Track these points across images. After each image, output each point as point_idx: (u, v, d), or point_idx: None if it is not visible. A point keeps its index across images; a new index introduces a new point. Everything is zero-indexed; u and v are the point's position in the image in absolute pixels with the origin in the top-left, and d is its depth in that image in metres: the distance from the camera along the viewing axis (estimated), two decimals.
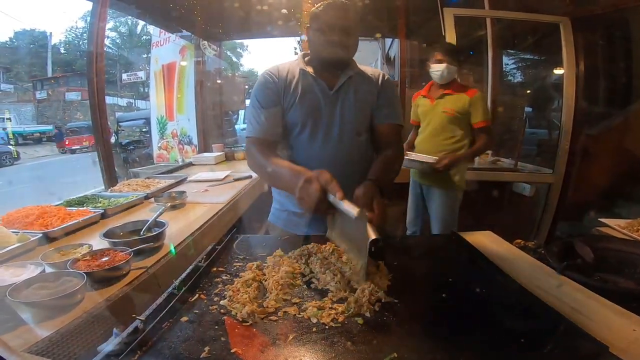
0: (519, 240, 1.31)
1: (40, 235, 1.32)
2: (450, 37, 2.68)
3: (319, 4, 1.22)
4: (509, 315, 0.75)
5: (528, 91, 4.43)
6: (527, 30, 3.42)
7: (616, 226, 1.45)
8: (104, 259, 1.06)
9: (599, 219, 1.53)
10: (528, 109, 4.19)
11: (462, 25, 3.03)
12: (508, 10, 3.06)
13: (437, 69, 2.18)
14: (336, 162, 1.24)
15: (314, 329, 0.71)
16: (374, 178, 1.10)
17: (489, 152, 3.38)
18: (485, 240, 1.23)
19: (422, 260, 1.04)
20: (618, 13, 2.66)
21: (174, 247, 1.29)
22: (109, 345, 0.66)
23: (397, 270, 0.96)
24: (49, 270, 1.05)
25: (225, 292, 0.85)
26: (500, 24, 3.54)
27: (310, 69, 1.28)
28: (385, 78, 1.36)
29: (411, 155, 2.26)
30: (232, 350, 0.65)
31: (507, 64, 4.46)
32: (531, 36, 3.62)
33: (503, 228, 1.45)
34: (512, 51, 4.32)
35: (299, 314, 0.77)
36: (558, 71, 2.98)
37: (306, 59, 1.32)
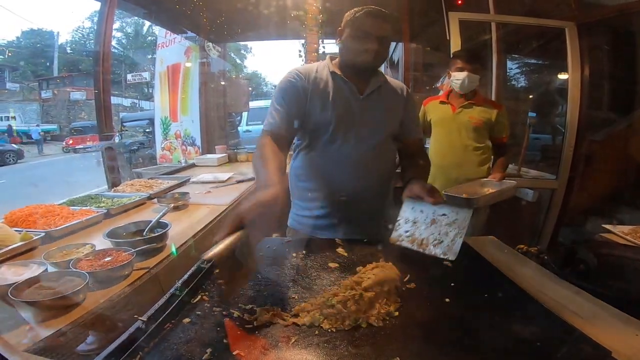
0: (521, 246, 1.31)
1: (43, 234, 1.33)
2: (455, 41, 2.68)
3: (357, 10, 1.23)
4: (511, 321, 0.75)
5: (532, 96, 4.42)
6: (532, 34, 3.42)
7: (620, 232, 1.44)
8: (106, 259, 1.06)
9: (602, 225, 1.53)
10: (532, 114, 4.18)
11: (467, 29, 3.03)
12: (513, 15, 3.06)
13: (459, 77, 2.09)
14: (364, 165, 1.28)
15: (316, 332, 0.71)
16: (417, 178, 1.17)
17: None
18: (488, 245, 1.23)
19: (426, 265, 1.03)
20: (623, 18, 2.65)
21: (176, 249, 1.29)
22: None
23: (400, 275, 0.96)
24: (51, 269, 1.05)
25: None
26: (505, 28, 3.53)
27: (340, 73, 1.28)
28: (409, 92, 1.40)
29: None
30: (234, 353, 0.64)
31: (512, 69, 4.45)
32: (536, 41, 3.61)
33: (506, 233, 1.44)
34: (516, 56, 4.31)
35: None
36: (562, 76, 2.97)
37: (334, 61, 1.33)
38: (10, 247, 1.18)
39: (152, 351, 0.66)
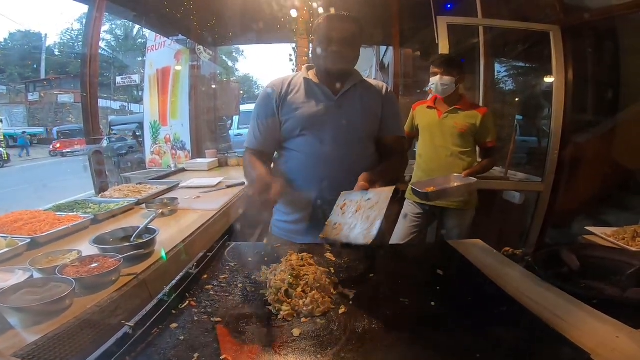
0: (507, 249, 1.33)
1: (29, 240, 1.31)
2: (444, 45, 2.72)
3: (322, 16, 1.28)
4: (493, 323, 0.77)
5: (519, 99, 4.49)
6: (518, 38, 3.48)
7: (602, 234, 1.48)
8: (93, 265, 1.05)
9: (586, 228, 1.56)
10: (519, 117, 4.25)
11: (455, 33, 3.08)
12: (500, 19, 3.11)
13: (432, 82, 2.18)
14: (340, 164, 1.29)
15: (304, 338, 0.72)
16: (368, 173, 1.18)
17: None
18: (474, 248, 1.25)
19: (412, 269, 1.05)
20: (608, 22, 2.71)
21: (165, 254, 1.28)
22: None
23: (386, 278, 0.97)
24: (37, 275, 1.03)
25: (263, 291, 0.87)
26: (492, 32, 3.59)
27: (314, 78, 1.34)
28: (389, 90, 1.41)
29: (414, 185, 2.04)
30: (221, 357, 0.65)
31: (499, 72, 4.52)
32: (523, 44, 3.67)
33: (493, 236, 1.47)
34: (504, 59, 4.38)
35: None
36: (548, 79, 3.03)
37: (310, 71, 1.38)
38: None
39: (139, 356, 0.67)
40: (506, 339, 0.71)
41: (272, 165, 1.43)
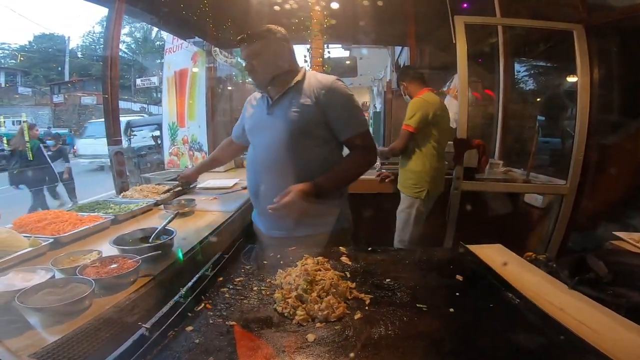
0: (529, 253, 1.29)
1: (52, 240, 1.34)
2: (461, 45, 2.67)
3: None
4: (515, 331, 0.74)
5: (540, 99, 4.36)
6: (539, 37, 3.38)
7: (631, 240, 1.41)
8: (112, 266, 1.07)
9: (613, 233, 1.49)
10: (541, 118, 4.13)
11: (473, 32, 3.01)
12: (520, 18, 3.03)
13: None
14: (273, 168, 1.42)
15: (319, 343, 0.71)
16: (312, 180, 1.33)
17: (500, 162, 3.34)
18: (495, 253, 1.21)
19: (430, 273, 1.03)
20: (634, 20, 2.61)
21: (182, 255, 1.30)
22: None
23: (403, 283, 0.95)
24: (58, 275, 1.06)
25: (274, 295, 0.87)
26: (512, 31, 3.51)
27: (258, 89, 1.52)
28: (330, 91, 1.39)
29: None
30: None
31: (519, 72, 4.41)
32: (544, 43, 3.57)
33: (514, 240, 1.42)
34: (524, 59, 4.27)
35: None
36: (572, 79, 2.93)
37: None
38: (18, 253, 1.20)
39: (155, 358, 0.67)
40: (529, 347, 0.68)
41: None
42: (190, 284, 0.92)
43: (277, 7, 3.08)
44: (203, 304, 0.86)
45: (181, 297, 0.86)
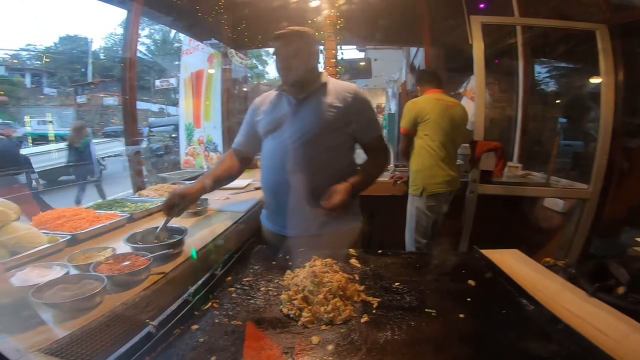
0: (548, 259, 1.25)
1: (69, 237, 1.38)
2: (478, 46, 2.61)
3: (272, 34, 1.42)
4: (529, 338, 0.71)
5: (561, 101, 4.23)
6: (560, 37, 3.28)
7: None
8: (125, 263, 1.08)
9: (637, 239, 1.43)
10: (562, 120, 4.01)
11: (490, 32, 2.95)
12: (539, 17, 2.95)
13: None
14: (298, 162, 1.40)
15: (323, 345, 0.70)
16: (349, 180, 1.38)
17: (519, 165, 3.26)
18: (511, 258, 1.18)
19: (441, 278, 1.00)
20: None
21: (195, 254, 1.31)
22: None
23: (413, 287, 0.93)
24: (73, 271, 1.08)
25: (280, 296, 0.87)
26: (531, 31, 3.42)
27: (281, 88, 1.51)
28: (356, 96, 1.48)
29: None
30: None
31: (540, 73, 4.29)
32: (565, 44, 3.47)
33: (532, 245, 1.38)
34: (544, 59, 4.15)
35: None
36: (594, 80, 2.83)
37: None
38: (37, 249, 1.23)
39: (159, 356, 0.68)
40: (542, 355, 0.65)
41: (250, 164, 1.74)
42: (198, 283, 0.93)
43: (290, 9, 3.09)
44: (210, 303, 0.86)
45: (189, 296, 0.87)
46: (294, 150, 1.41)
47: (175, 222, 1.43)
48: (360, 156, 1.58)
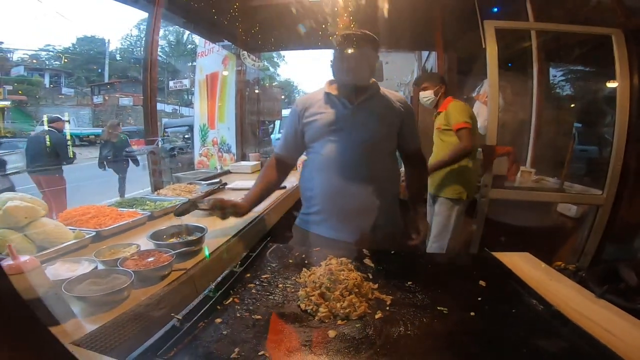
0: (558, 263, 1.27)
1: (94, 233, 1.45)
2: (492, 50, 2.62)
3: (337, 34, 1.41)
4: (537, 336, 0.74)
5: (576, 105, 4.18)
6: (575, 41, 3.26)
7: None
8: (149, 259, 1.14)
9: None
10: (577, 125, 3.96)
11: (504, 36, 2.95)
12: (554, 22, 2.94)
13: (421, 96, 2.69)
14: (353, 165, 1.41)
15: (339, 339, 0.74)
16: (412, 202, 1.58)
17: (532, 170, 3.24)
18: (521, 261, 1.20)
19: (453, 278, 1.03)
20: None
21: (211, 252, 1.36)
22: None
23: (425, 286, 0.96)
24: (100, 267, 1.14)
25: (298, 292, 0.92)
26: (546, 35, 3.40)
27: (333, 91, 1.46)
28: (406, 105, 1.53)
29: None
30: (259, 353, 0.69)
31: (555, 76, 4.26)
32: (580, 48, 3.44)
33: (545, 250, 1.39)
34: (559, 64, 4.12)
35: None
36: (611, 85, 2.81)
37: (331, 85, 1.50)
38: (64, 245, 1.30)
39: (185, 348, 0.72)
40: (550, 353, 0.68)
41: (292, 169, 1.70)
42: (219, 279, 0.98)
43: (304, 12, 3.14)
44: (231, 298, 0.91)
45: (210, 291, 0.92)
46: (359, 155, 1.41)
47: (194, 221, 1.50)
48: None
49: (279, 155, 1.58)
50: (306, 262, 1.12)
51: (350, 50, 1.38)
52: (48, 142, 4.64)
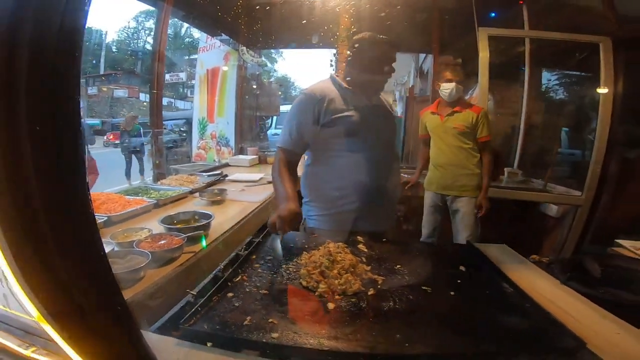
0: (534, 256, 1.39)
1: (106, 218, 1.55)
2: (484, 57, 2.75)
3: (362, 35, 1.45)
4: (505, 312, 0.87)
5: (564, 110, 4.33)
6: (569, 48, 3.38)
7: (632, 247, 1.49)
8: (162, 242, 1.25)
9: (616, 240, 1.57)
10: (566, 129, 4.11)
11: (500, 41, 3.06)
12: (549, 29, 3.03)
13: (447, 87, 2.41)
14: (386, 163, 1.51)
15: (337, 310, 0.85)
16: None
17: (519, 171, 3.38)
18: (498, 252, 1.33)
19: (437, 263, 1.15)
20: None
21: (216, 238, 1.47)
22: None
23: (412, 270, 1.08)
24: (117, 249, 1.24)
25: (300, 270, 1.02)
26: (539, 41, 3.52)
27: (354, 88, 1.47)
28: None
29: None
30: (269, 320, 0.80)
31: (550, 80, 4.39)
32: (574, 55, 3.56)
33: (526, 247, 1.51)
34: (550, 70, 4.25)
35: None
36: (598, 91, 2.93)
37: (345, 78, 1.50)
38: None
39: (203, 317, 0.82)
40: (513, 325, 0.81)
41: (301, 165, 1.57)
42: (226, 260, 1.09)
43: (305, 11, 3.22)
44: (240, 277, 1.02)
45: (220, 271, 1.02)
46: (387, 152, 1.52)
47: (201, 209, 1.60)
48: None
49: (288, 149, 1.45)
50: (306, 246, 1.23)
51: (379, 54, 1.44)
52: None
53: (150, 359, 0.57)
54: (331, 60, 3.32)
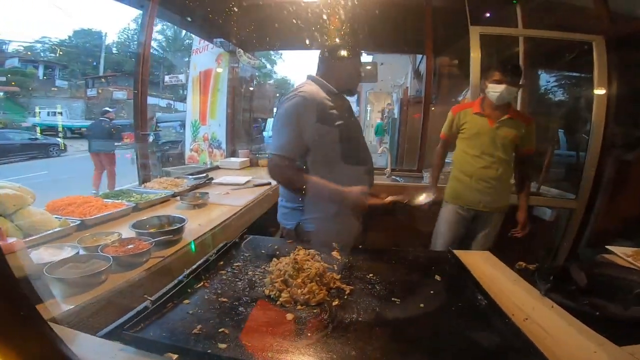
0: (521, 263, 1.34)
1: (79, 222, 1.50)
2: (475, 56, 2.70)
3: (339, 43, 1.56)
4: (474, 328, 0.81)
5: (561, 112, 4.28)
6: (564, 48, 3.33)
7: (622, 254, 1.44)
8: (129, 246, 1.20)
9: (606, 247, 1.52)
10: (561, 131, 4.06)
11: (495, 41, 3.02)
12: (543, 28, 2.99)
13: (497, 89, 2.01)
14: (369, 163, 1.60)
15: (295, 322, 0.81)
16: None
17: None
18: (480, 260, 1.28)
19: (412, 273, 1.10)
20: None
21: (192, 242, 1.43)
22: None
23: (384, 279, 1.03)
24: (82, 252, 1.20)
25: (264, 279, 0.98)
26: (534, 40, 3.48)
27: (337, 92, 1.52)
28: None
29: None
30: (219, 330, 0.75)
31: (548, 81, 4.35)
32: (569, 54, 3.52)
33: (517, 251, 1.46)
34: (546, 70, 4.21)
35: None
36: (594, 92, 2.88)
37: (329, 84, 1.50)
38: (49, 232, 1.36)
39: (152, 324, 0.78)
40: (478, 342, 0.76)
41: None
42: (194, 266, 1.04)
43: (297, 12, 3.19)
44: (202, 283, 0.97)
45: (185, 277, 0.98)
46: (367, 149, 1.63)
47: (181, 212, 1.56)
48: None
49: (288, 157, 1.39)
50: (277, 252, 1.19)
51: (359, 59, 1.61)
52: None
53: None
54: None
